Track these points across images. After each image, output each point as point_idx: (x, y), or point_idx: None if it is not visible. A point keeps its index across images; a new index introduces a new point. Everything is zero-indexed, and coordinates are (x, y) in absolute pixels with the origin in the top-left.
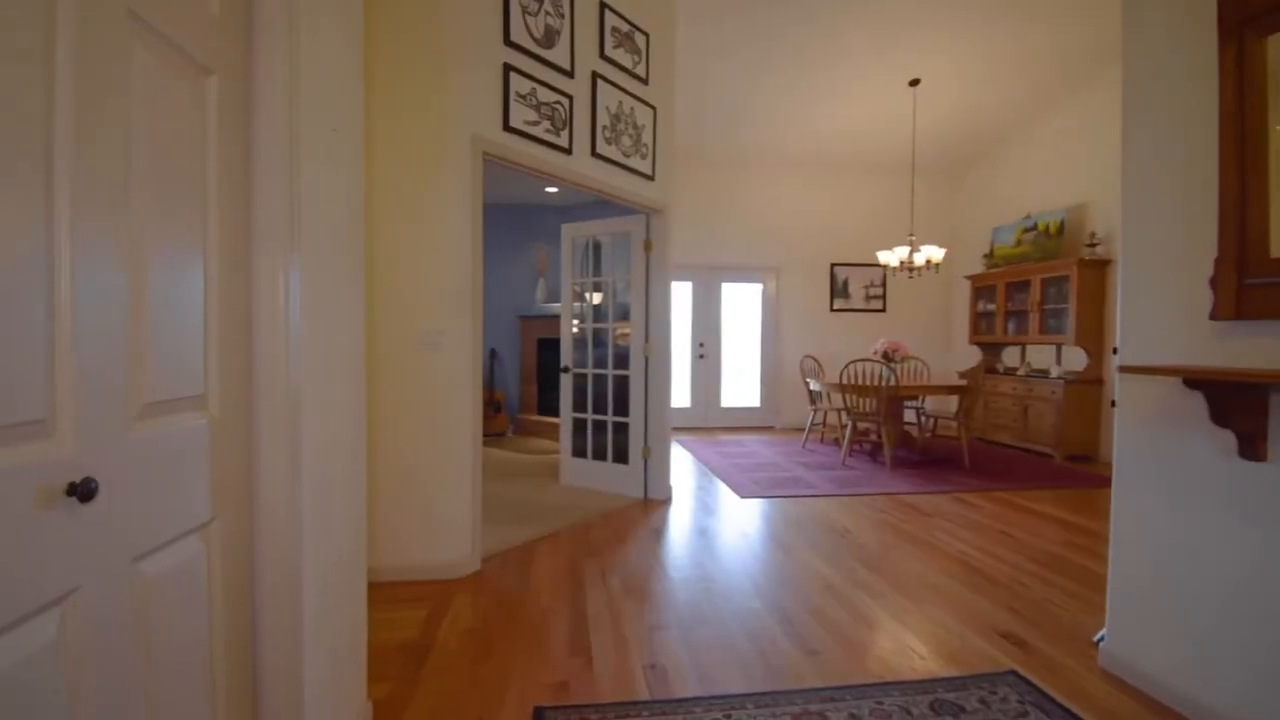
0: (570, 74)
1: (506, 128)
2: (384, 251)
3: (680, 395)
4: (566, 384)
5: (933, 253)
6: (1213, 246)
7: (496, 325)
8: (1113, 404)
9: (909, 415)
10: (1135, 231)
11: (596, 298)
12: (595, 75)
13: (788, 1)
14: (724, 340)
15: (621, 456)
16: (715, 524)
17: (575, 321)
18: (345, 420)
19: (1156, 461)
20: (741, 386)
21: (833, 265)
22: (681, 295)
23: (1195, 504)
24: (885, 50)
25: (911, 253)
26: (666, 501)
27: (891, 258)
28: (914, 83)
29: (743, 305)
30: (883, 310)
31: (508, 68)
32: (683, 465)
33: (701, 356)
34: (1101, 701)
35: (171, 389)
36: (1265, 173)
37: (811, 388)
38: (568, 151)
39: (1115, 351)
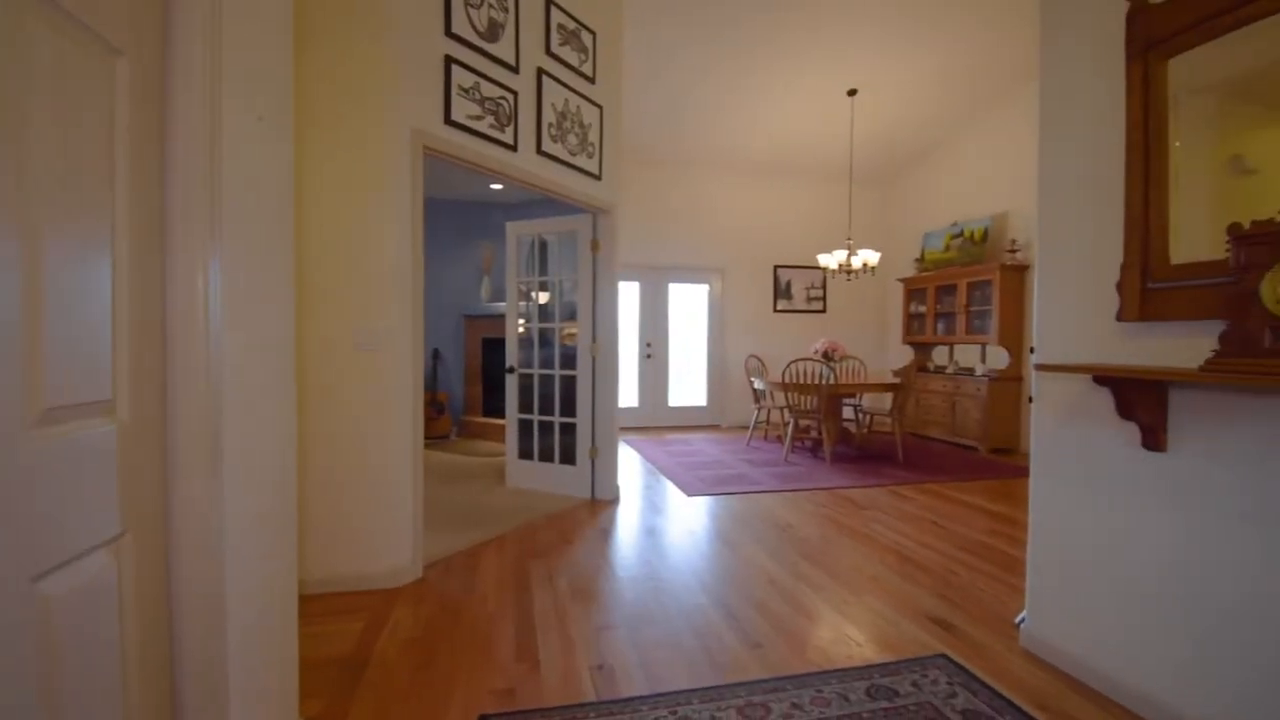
0: (515, 69)
1: (448, 122)
2: (318, 248)
3: (628, 395)
4: (512, 384)
5: (869, 256)
6: (1120, 253)
7: (440, 324)
8: (1030, 400)
9: (847, 412)
10: (1050, 238)
11: (543, 297)
12: (541, 71)
13: (732, 6)
14: (671, 340)
15: (569, 457)
16: (663, 523)
17: (521, 321)
18: (273, 425)
19: (1069, 453)
20: (688, 386)
21: (776, 267)
22: (629, 295)
23: (1103, 492)
24: (825, 60)
25: (849, 256)
26: (614, 501)
27: (831, 260)
28: (852, 93)
29: (689, 306)
30: (823, 311)
31: (449, 60)
32: (631, 465)
33: (649, 356)
34: (1022, 679)
35: (74, 393)
36: (1166, 185)
37: (756, 386)
38: (512, 148)
39: (1032, 351)
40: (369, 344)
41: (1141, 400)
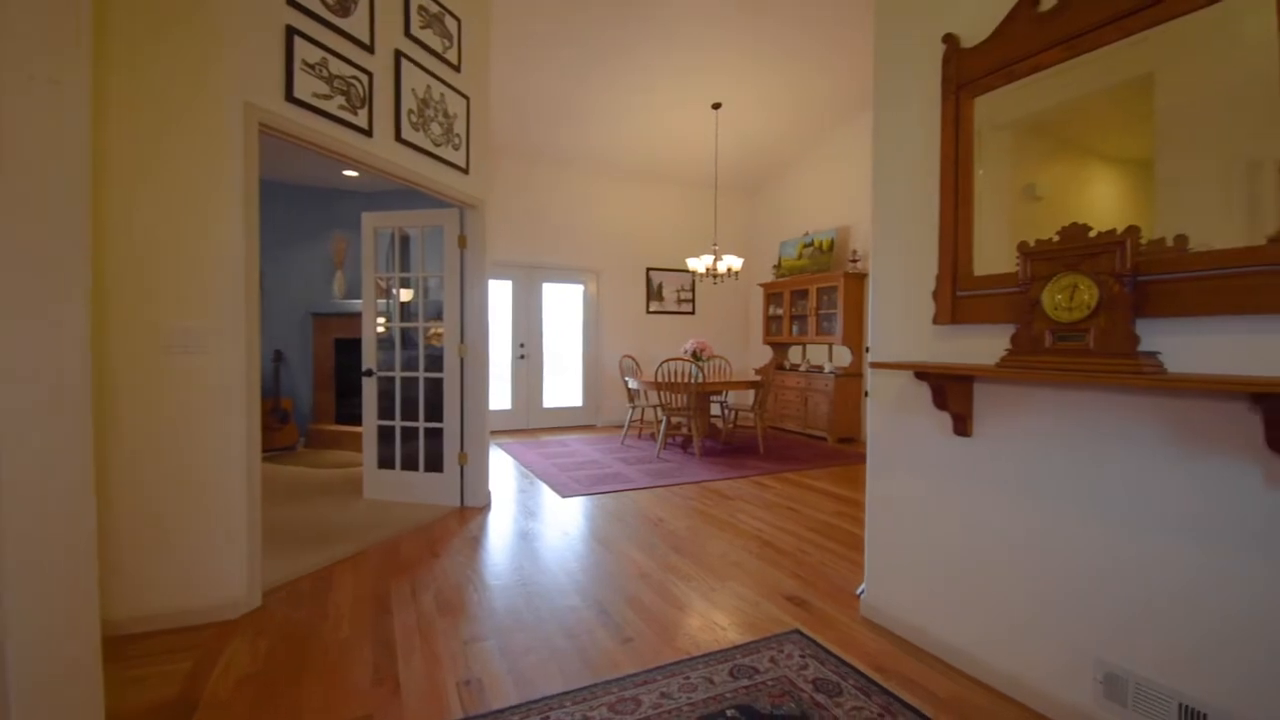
0: (370, 49)
1: (290, 99)
2: (127, 236)
3: (501, 397)
4: (370, 389)
5: (733, 262)
6: (935, 265)
7: (283, 323)
8: (866, 394)
9: (715, 409)
10: (882, 250)
11: (405, 294)
12: (399, 54)
13: (602, 7)
14: (546, 340)
15: (435, 464)
16: (536, 526)
17: (380, 320)
18: (61, 443)
19: (897, 440)
20: (564, 386)
21: (648, 270)
22: (502, 294)
23: (924, 474)
24: (690, 71)
25: (715, 261)
26: (485, 508)
27: (699, 265)
28: (716, 106)
29: (564, 305)
30: (692, 313)
31: (291, 30)
32: (504, 469)
33: (522, 357)
34: (864, 646)
35: None
36: (971, 207)
37: (630, 386)
38: (367, 133)
39: (868, 350)
40: (191, 345)
41: (952, 393)
